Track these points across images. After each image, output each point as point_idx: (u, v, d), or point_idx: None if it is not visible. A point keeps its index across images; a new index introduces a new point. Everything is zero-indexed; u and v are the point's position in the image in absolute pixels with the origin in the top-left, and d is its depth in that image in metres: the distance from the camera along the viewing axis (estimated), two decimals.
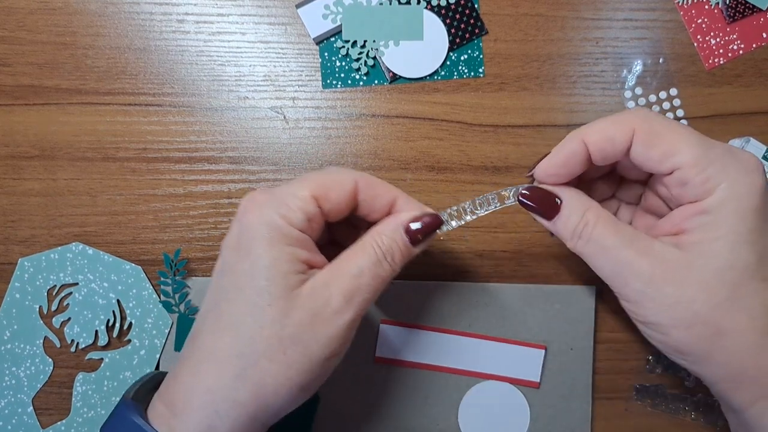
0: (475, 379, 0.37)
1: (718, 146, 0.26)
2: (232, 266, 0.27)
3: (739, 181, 0.25)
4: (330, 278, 0.27)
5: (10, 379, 0.37)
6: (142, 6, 0.38)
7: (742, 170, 0.25)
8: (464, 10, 0.38)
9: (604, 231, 0.27)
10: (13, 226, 0.38)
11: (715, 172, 0.25)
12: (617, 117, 0.27)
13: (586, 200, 0.29)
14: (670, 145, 0.26)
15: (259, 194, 0.27)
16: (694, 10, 0.39)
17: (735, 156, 0.26)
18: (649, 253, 0.26)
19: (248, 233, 0.26)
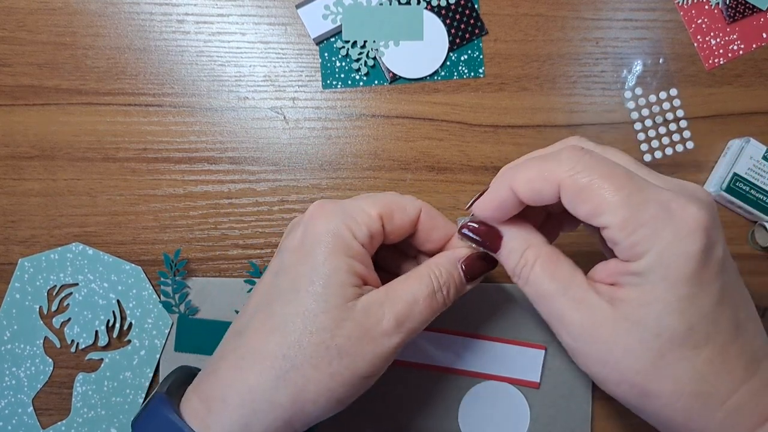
0: (475, 380, 0.37)
1: (651, 203, 0.23)
2: (290, 268, 0.27)
3: (669, 249, 0.23)
4: (385, 299, 0.27)
5: (11, 380, 0.37)
6: (142, 6, 0.38)
7: (675, 235, 0.23)
8: (464, 10, 0.38)
9: (542, 274, 0.26)
10: (13, 227, 0.38)
11: (644, 236, 0.23)
12: (544, 166, 0.25)
13: (527, 236, 0.28)
14: (596, 204, 0.24)
15: (329, 203, 0.28)
16: (694, 11, 0.39)
17: (671, 217, 0.23)
18: (581, 306, 0.25)
19: (313, 238, 0.27)
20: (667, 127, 0.39)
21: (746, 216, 0.38)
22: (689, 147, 0.39)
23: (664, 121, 0.39)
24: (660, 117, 0.39)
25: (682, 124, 0.38)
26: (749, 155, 0.36)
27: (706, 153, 0.39)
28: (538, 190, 0.25)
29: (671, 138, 0.39)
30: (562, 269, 0.26)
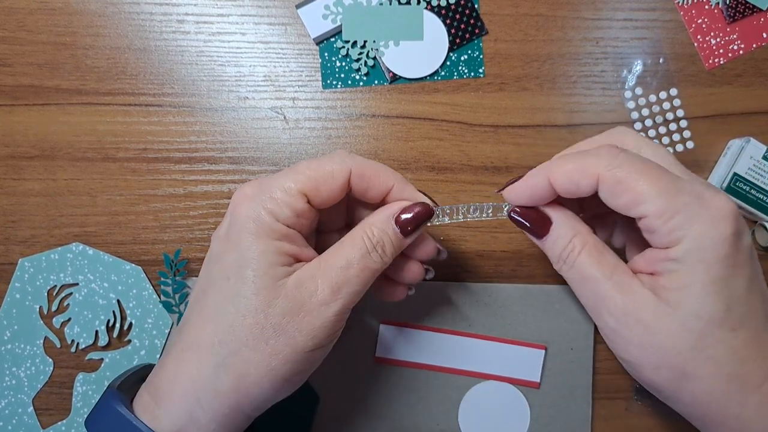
0: (475, 380, 0.37)
1: (685, 193, 0.25)
2: (219, 256, 0.27)
3: (705, 233, 0.25)
4: (317, 270, 0.27)
5: (11, 380, 0.37)
6: (142, 6, 0.38)
7: (709, 220, 0.25)
8: (464, 10, 0.38)
9: (588, 260, 0.27)
10: (13, 227, 0.38)
11: (680, 222, 0.25)
12: (583, 161, 0.27)
13: (575, 224, 0.29)
14: (634, 195, 0.26)
15: (248, 187, 0.28)
16: (694, 10, 0.39)
17: (703, 204, 0.25)
18: (625, 291, 0.26)
19: (237, 225, 0.27)
20: (668, 126, 0.39)
21: (746, 216, 0.38)
22: (689, 147, 0.39)
23: (664, 120, 0.39)
24: (660, 117, 0.39)
25: (682, 124, 0.38)
26: (749, 155, 0.36)
27: (707, 153, 0.39)
28: (575, 182, 0.27)
29: (671, 138, 0.39)
30: (607, 257, 0.28)
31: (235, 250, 0.26)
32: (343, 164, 0.28)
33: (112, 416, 0.26)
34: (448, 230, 0.38)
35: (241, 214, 0.27)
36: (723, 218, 0.25)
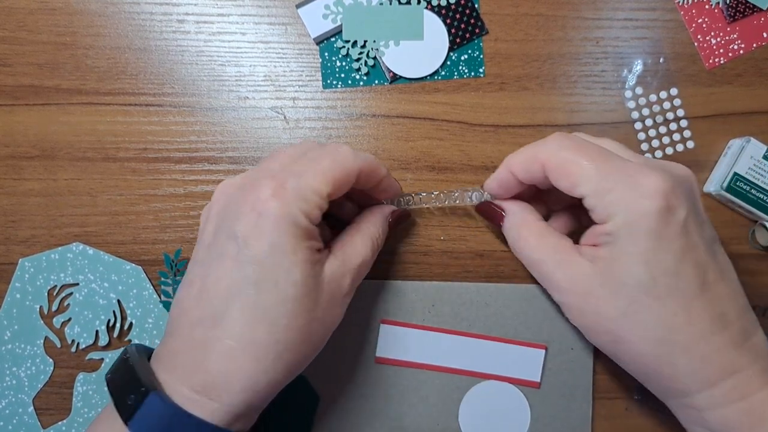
0: (475, 379, 0.37)
1: (618, 172, 0.28)
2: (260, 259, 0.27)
3: (633, 208, 0.27)
4: (343, 266, 0.30)
5: (11, 379, 0.37)
6: (142, 6, 0.38)
7: (638, 197, 0.27)
8: (464, 9, 0.38)
9: (532, 245, 0.31)
10: (13, 227, 0.38)
11: (613, 199, 0.27)
12: (533, 149, 0.30)
13: (524, 215, 0.33)
14: (573, 177, 0.28)
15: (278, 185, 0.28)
16: (694, 10, 0.39)
17: (634, 182, 0.27)
18: (565, 266, 0.30)
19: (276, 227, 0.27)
20: (668, 126, 0.39)
21: (747, 215, 0.38)
22: (690, 146, 0.39)
23: (664, 120, 0.39)
24: (660, 116, 0.39)
25: (682, 124, 0.38)
26: (750, 155, 0.36)
27: (707, 152, 0.39)
28: (528, 169, 0.30)
29: (672, 137, 0.39)
30: (549, 240, 0.31)
31: (278, 253, 0.27)
32: (356, 163, 0.30)
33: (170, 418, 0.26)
34: (449, 230, 0.38)
35: (279, 216, 0.27)
36: (651, 195, 0.27)
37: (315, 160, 0.29)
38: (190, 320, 0.28)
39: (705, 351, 0.27)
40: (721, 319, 0.27)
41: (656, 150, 0.38)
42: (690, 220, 0.27)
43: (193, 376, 0.27)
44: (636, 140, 0.39)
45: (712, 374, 0.27)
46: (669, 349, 0.27)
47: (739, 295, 0.28)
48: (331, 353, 0.37)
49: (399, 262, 0.38)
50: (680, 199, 0.27)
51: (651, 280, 0.27)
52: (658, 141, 0.38)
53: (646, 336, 0.28)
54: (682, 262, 0.27)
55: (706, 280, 0.27)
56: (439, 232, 0.38)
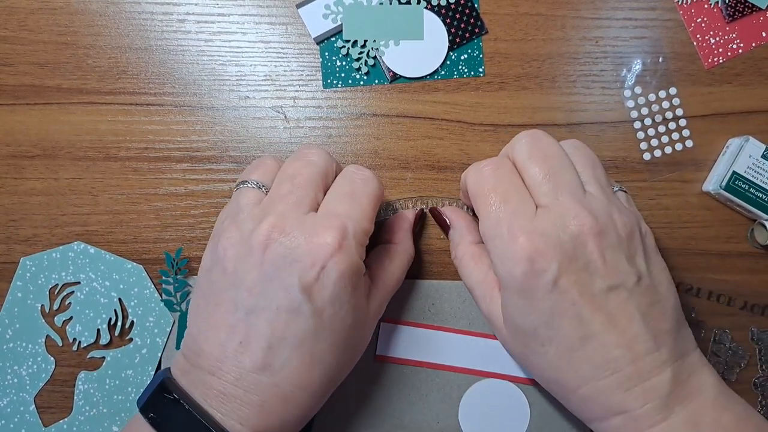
0: (475, 378, 0.37)
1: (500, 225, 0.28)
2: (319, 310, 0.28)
3: (503, 268, 0.28)
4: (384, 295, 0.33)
5: (12, 378, 0.37)
6: (143, 6, 0.39)
7: (505, 256, 0.28)
8: (464, 9, 0.39)
9: (466, 270, 0.34)
10: (15, 226, 0.38)
11: (491, 249, 0.29)
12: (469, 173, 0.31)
13: (465, 234, 0.35)
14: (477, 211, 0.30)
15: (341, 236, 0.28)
16: (693, 9, 0.39)
17: (507, 240, 0.28)
18: (486, 299, 0.32)
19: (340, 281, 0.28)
20: (667, 125, 0.39)
21: (745, 214, 0.38)
22: (689, 145, 0.39)
23: (663, 119, 0.39)
24: (659, 116, 0.39)
25: (681, 123, 0.39)
26: (748, 154, 0.37)
27: (706, 151, 0.39)
28: (465, 191, 0.32)
29: (670, 137, 0.39)
30: (480, 269, 0.33)
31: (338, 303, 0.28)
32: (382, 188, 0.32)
33: None
34: None
35: (342, 271, 0.28)
36: (517, 258, 0.27)
37: (356, 197, 0.30)
38: (242, 366, 0.27)
39: (589, 393, 0.28)
40: (607, 366, 0.27)
41: (655, 149, 0.39)
42: (564, 279, 0.27)
43: (251, 419, 0.28)
44: (635, 139, 0.39)
45: (600, 412, 0.28)
46: (559, 388, 0.30)
47: (639, 340, 0.27)
48: None
49: None
50: (549, 261, 0.27)
51: (533, 330, 0.29)
52: (657, 140, 0.39)
53: (540, 375, 0.30)
54: (556, 317, 0.28)
55: (589, 332, 0.27)
56: (438, 231, 0.38)
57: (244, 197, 0.30)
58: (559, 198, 0.28)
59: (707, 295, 0.38)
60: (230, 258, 0.28)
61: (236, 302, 0.28)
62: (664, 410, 0.27)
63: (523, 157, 0.30)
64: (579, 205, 0.28)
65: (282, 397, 0.28)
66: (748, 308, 0.38)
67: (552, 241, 0.27)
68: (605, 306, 0.28)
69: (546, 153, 0.30)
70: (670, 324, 0.28)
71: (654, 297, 0.29)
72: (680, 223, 0.38)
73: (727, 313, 0.38)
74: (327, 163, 0.31)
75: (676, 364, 0.28)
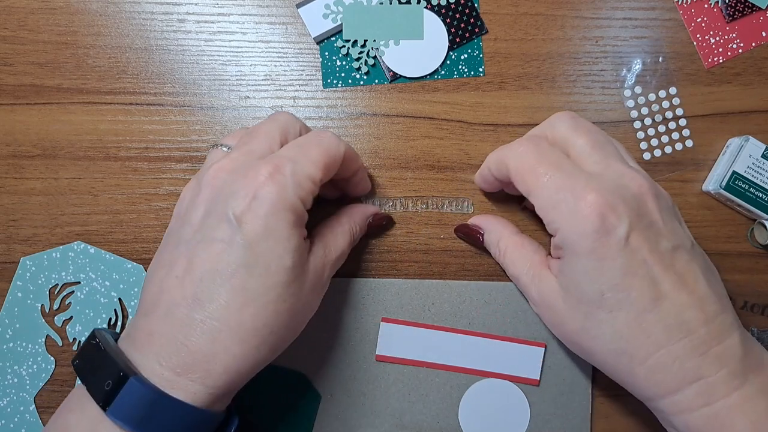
0: (475, 377, 0.37)
1: (560, 190, 0.28)
2: (252, 241, 0.27)
3: (571, 228, 0.28)
4: (324, 259, 0.31)
5: (12, 378, 0.37)
6: (143, 5, 0.39)
7: (576, 217, 0.27)
8: (464, 9, 0.39)
9: (510, 260, 0.33)
10: (15, 225, 0.38)
11: (555, 217, 0.28)
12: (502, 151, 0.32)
13: (500, 229, 0.35)
14: (527, 186, 0.30)
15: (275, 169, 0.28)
16: (693, 9, 0.39)
17: (575, 201, 0.28)
18: (537, 281, 0.31)
19: (272, 211, 0.27)
20: (667, 125, 0.39)
21: (745, 214, 0.38)
22: (688, 145, 0.39)
23: (663, 119, 0.39)
24: (659, 115, 0.39)
25: (681, 123, 0.39)
26: (748, 153, 0.37)
27: (706, 151, 0.39)
28: (499, 170, 0.32)
29: (670, 136, 0.39)
30: (525, 254, 0.33)
31: (272, 237, 0.27)
32: (341, 148, 0.31)
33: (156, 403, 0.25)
34: (448, 228, 0.38)
35: (274, 201, 0.27)
36: (587, 216, 0.27)
37: (305, 146, 0.30)
38: (172, 300, 0.27)
39: (663, 360, 0.27)
40: (681, 328, 0.27)
41: (655, 149, 0.39)
42: (635, 236, 0.27)
43: (173, 357, 0.26)
44: (635, 139, 0.39)
45: (673, 382, 0.27)
46: (626, 360, 0.28)
47: (708, 301, 0.28)
48: (331, 352, 0.37)
49: (399, 261, 0.38)
50: (620, 217, 0.27)
51: (599, 296, 0.28)
52: (657, 140, 0.39)
53: (604, 348, 0.29)
54: (627, 277, 0.27)
55: (660, 292, 0.27)
56: (438, 230, 0.38)
57: (211, 156, 0.32)
58: (610, 164, 0.29)
59: None
60: (185, 203, 0.30)
61: (180, 238, 0.29)
62: (739, 376, 0.26)
63: (567, 131, 0.31)
64: (632, 170, 0.29)
65: (208, 334, 0.26)
66: (748, 308, 0.38)
67: (619, 198, 0.27)
68: (673, 265, 0.28)
69: (588, 128, 0.31)
70: (724, 291, 0.29)
71: (705, 262, 0.29)
72: None
73: None
74: (288, 121, 0.31)
75: (740, 330, 0.28)
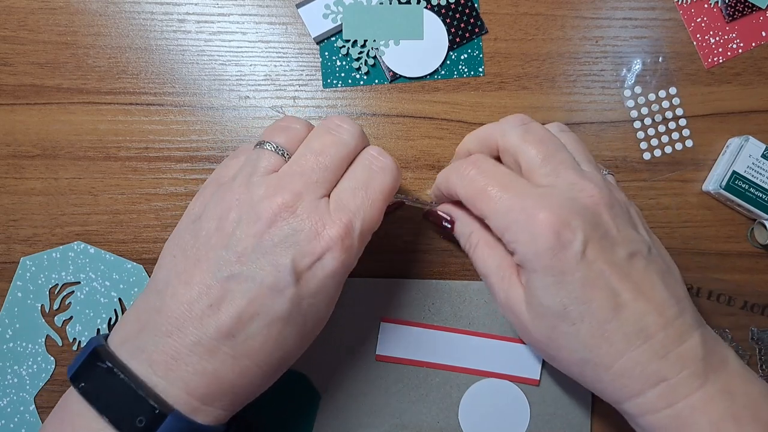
0: (475, 377, 0.37)
1: (513, 211, 0.28)
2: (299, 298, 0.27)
3: (526, 247, 0.28)
4: None
5: (12, 378, 0.37)
6: (143, 5, 0.39)
7: (530, 236, 0.27)
8: (464, 9, 0.39)
9: (481, 254, 0.32)
10: (15, 225, 0.38)
11: (510, 238, 0.28)
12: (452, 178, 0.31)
13: (472, 222, 0.33)
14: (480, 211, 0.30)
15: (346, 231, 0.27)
16: (693, 9, 0.39)
17: (525, 222, 0.28)
18: (505, 285, 0.31)
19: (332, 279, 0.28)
20: (667, 125, 0.39)
21: (745, 214, 0.38)
22: (688, 145, 0.39)
23: (663, 119, 0.39)
24: (659, 115, 0.39)
25: (681, 123, 0.39)
26: (748, 153, 0.37)
27: (706, 151, 0.39)
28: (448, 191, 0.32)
29: (670, 136, 0.39)
30: (497, 253, 0.32)
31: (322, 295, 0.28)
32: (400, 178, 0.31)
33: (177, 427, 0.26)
34: None
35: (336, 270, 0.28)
36: (541, 234, 0.27)
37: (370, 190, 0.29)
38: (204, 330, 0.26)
39: (625, 366, 0.27)
40: (639, 335, 0.27)
41: (655, 149, 0.39)
42: (590, 248, 0.27)
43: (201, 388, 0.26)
44: (635, 139, 0.39)
45: (636, 386, 0.27)
46: (592, 368, 0.28)
47: (666, 305, 0.28)
48: (332, 351, 0.37)
49: (399, 261, 0.38)
50: (575, 231, 0.27)
51: (563, 309, 0.28)
52: (657, 140, 0.39)
53: (570, 357, 0.29)
54: (587, 289, 0.27)
55: (619, 302, 0.27)
56: (438, 230, 0.38)
57: (263, 160, 0.29)
58: (561, 175, 0.29)
59: (707, 295, 0.38)
60: (232, 219, 0.27)
61: (221, 263, 0.26)
62: (700, 376, 0.27)
63: (517, 142, 0.30)
64: (584, 179, 0.29)
65: (237, 369, 0.26)
66: (748, 308, 0.38)
67: (572, 211, 0.27)
68: (630, 274, 0.28)
69: (540, 136, 0.30)
70: (684, 291, 0.29)
71: (664, 266, 0.29)
72: (680, 222, 0.38)
73: (727, 312, 0.38)
74: (357, 143, 0.30)
75: (701, 330, 0.28)
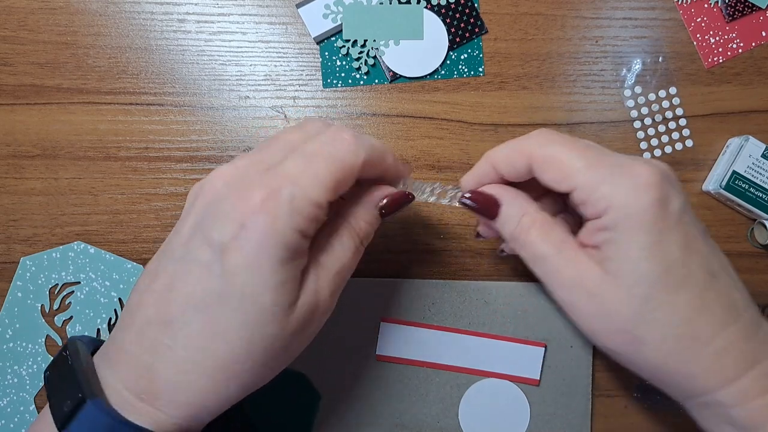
0: (475, 377, 0.37)
1: (609, 164, 0.27)
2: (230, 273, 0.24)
3: (627, 201, 0.26)
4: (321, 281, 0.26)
5: (12, 378, 0.37)
6: (143, 5, 0.39)
7: (631, 189, 0.26)
8: (464, 9, 0.39)
9: (537, 237, 0.29)
10: (15, 225, 0.38)
11: (606, 191, 0.26)
12: (518, 143, 0.29)
13: (523, 204, 0.30)
14: (563, 169, 0.27)
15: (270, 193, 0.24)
16: (693, 9, 0.39)
17: (625, 174, 0.26)
18: (572, 264, 0.28)
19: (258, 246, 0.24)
20: (667, 125, 0.39)
21: (745, 214, 0.38)
22: (688, 145, 0.39)
23: (663, 119, 0.39)
24: (659, 115, 0.39)
25: (681, 123, 0.39)
26: (748, 153, 0.37)
27: (706, 151, 0.39)
28: (512, 163, 0.29)
29: (670, 136, 0.39)
30: (556, 233, 0.29)
31: (255, 270, 0.24)
32: (359, 156, 0.26)
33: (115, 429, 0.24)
34: (448, 228, 0.38)
35: (263, 234, 0.23)
36: (643, 186, 0.26)
37: (313, 159, 0.25)
38: (146, 318, 0.25)
39: (723, 343, 0.26)
40: (733, 310, 0.26)
41: (655, 149, 0.39)
42: (684, 211, 0.27)
43: (138, 381, 0.25)
44: (635, 139, 0.39)
45: (733, 368, 0.26)
46: (689, 344, 0.26)
47: (741, 285, 0.28)
48: (332, 351, 0.37)
49: (399, 261, 0.38)
50: (673, 190, 0.26)
51: (662, 274, 0.26)
52: (657, 140, 0.39)
53: (665, 333, 0.26)
54: (688, 252, 0.26)
55: (712, 270, 0.26)
56: (438, 230, 0.38)
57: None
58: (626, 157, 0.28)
59: None
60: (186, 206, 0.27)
61: (168, 249, 0.26)
62: None
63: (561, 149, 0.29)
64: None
65: (175, 363, 0.24)
66: None
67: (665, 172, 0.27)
68: (712, 245, 0.27)
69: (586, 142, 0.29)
70: None
71: None
72: None
73: None
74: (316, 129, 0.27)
75: None
